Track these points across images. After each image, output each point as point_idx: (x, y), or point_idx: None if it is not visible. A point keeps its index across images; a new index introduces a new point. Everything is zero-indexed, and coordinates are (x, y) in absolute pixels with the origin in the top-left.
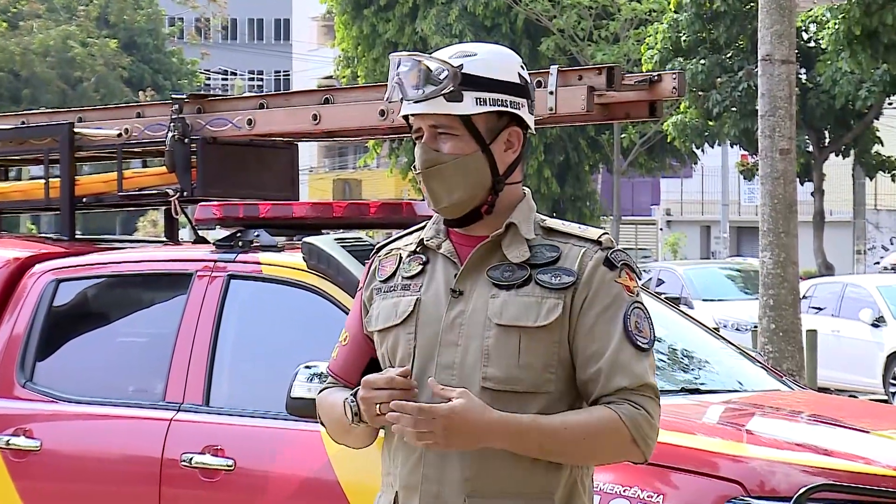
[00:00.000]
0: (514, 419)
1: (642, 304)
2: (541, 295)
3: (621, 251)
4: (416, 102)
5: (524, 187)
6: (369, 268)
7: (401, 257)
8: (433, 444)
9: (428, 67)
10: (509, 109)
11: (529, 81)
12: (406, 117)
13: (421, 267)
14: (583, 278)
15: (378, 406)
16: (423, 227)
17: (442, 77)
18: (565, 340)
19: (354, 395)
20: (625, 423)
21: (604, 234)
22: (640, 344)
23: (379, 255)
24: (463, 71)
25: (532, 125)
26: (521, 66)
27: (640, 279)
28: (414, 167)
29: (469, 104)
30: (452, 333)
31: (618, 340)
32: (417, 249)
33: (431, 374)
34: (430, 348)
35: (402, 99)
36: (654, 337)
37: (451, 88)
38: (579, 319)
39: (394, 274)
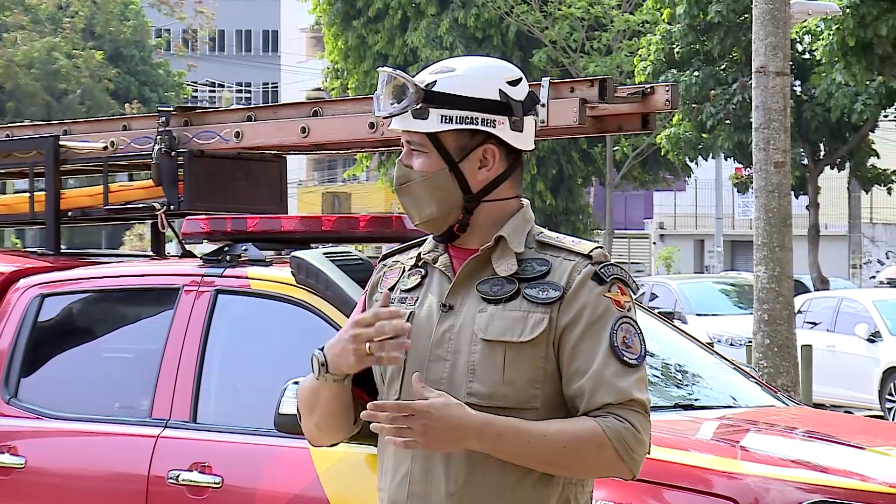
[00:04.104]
0: (494, 420)
1: (632, 319)
2: (527, 309)
3: (613, 265)
4: (388, 117)
5: (523, 199)
6: (373, 276)
7: (403, 269)
8: (413, 444)
9: (401, 83)
10: (480, 127)
11: (515, 98)
12: None
13: (419, 280)
14: (569, 293)
15: (367, 345)
16: (425, 241)
17: (408, 94)
18: (552, 355)
19: (321, 348)
20: (607, 436)
21: (596, 247)
22: (627, 359)
23: (385, 264)
24: (434, 88)
25: (521, 142)
26: (511, 83)
27: (634, 293)
28: None
29: (434, 122)
30: (441, 348)
31: (602, 356)
32: (417, 263)
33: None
34: (418, 362)
35: (375, 112)
36: (645, 352)
37: (415, 106)
38: (564, 335)
39: (394, 286)
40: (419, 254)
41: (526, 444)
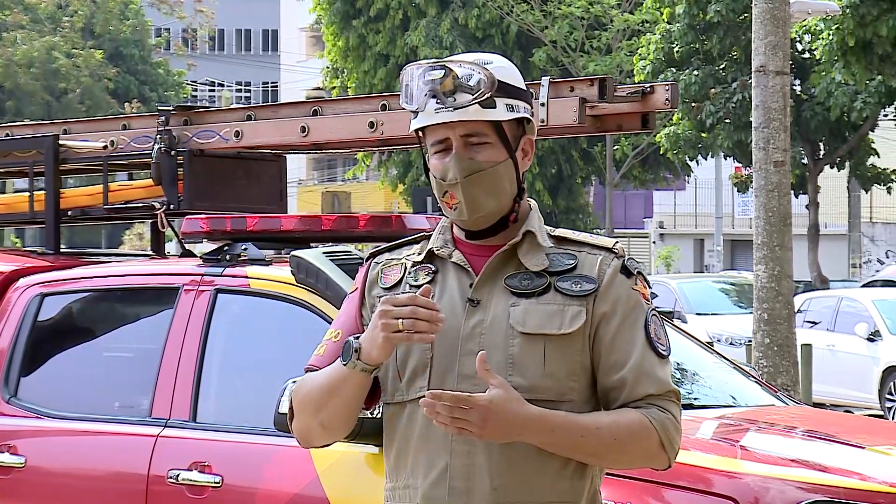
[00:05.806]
0: (550, 415)
1: (658, 311)
2: (562, 303)
3: (634, 259)
4: (453, 111)
5: (529, 199)
6: (367, 273)
7: (405, 267)
8: (467, 433)
9: (458, 75)
10: (528, 115)
11: None
12: (418, 130)
13: (430, 276)
14: (602, 286)
15: (400, 322)
16: (421, 239)
17: (474, 84)
18: (587, 348)
19: (357, 337)
20: (654, 427)
21: (616, 242)
22: (661, 351)
23: (378, 262)
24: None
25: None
26: None
27: (650, 287)
28: (439, 178)
29: (502, 110)
30: (472, 343)
31: (641, 348)
32: (424, 259)
33: (451, 385)
34: (447, 358)
35: (415, 110)
36: (670, 344)
37: (489, 94)
38: (601, 328)
39: (399, 282)
40: (430, 250)
41: (580, 437)
